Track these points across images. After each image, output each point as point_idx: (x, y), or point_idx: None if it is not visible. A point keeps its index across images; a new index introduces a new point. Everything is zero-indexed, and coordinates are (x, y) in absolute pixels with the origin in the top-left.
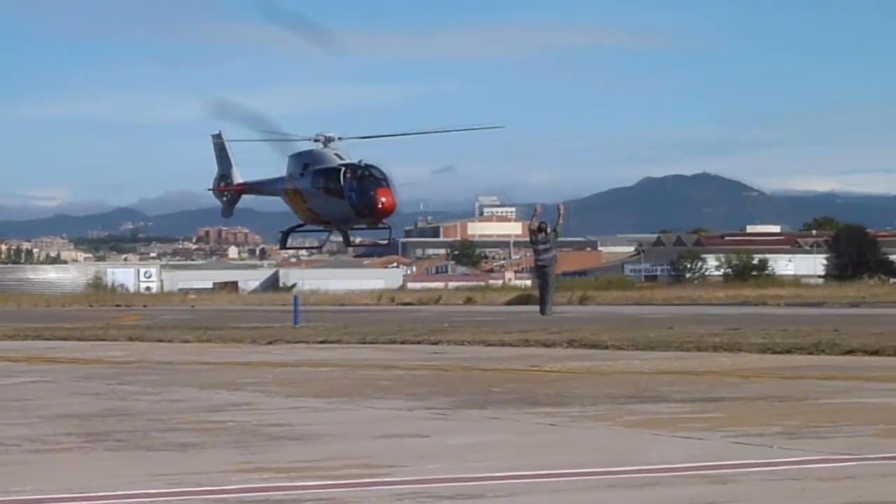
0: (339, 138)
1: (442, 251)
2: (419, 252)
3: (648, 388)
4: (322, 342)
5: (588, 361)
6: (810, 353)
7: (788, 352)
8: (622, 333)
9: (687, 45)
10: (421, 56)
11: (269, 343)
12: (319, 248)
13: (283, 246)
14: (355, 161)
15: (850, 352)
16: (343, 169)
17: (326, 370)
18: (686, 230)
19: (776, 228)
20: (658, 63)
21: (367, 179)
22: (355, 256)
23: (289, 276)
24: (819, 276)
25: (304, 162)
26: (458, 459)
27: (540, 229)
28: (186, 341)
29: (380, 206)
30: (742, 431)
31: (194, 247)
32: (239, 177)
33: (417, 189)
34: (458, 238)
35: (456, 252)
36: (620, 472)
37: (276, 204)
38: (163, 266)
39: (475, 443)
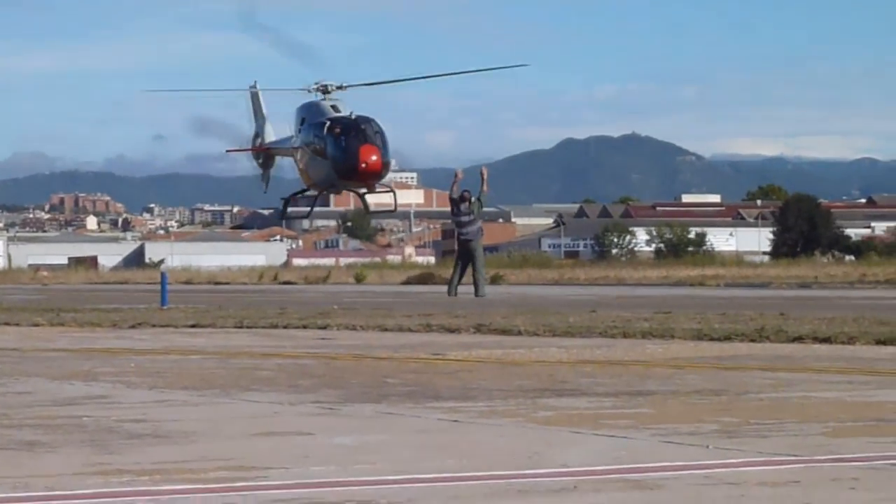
0: (341, 87)
1: (332, 223)
2: (306, 224)
3: (567, 379)
4: (193, 326)
5: (498, 349)
6: (753, 341)
7: (728, 339)
8: (538, 318)
9: None
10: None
11: (133, 327)
12: (307, 216)
13: (283, 216)
14: (347, 113)
15: (798, 339)
16: (327, 123)
17: (198, 358)
18: (612, 200)
19: (715, 198)
20: (580, 7)
21: (351, 135)
22: (232, 228)
23: (156, 251)
24: (764, 253)
25: (302, 116)
26: (346, 461)
27: (462, 198)
28: (37, 325)
29: (363, 166)
30: (673, 429)
31: (47, 216)
32: (273, 135)
33: None
34: (351, 208)
35: (348, 224)
36: (533, 476)
37: (141, 168)
38: (10, 238)
39: (367, 442)
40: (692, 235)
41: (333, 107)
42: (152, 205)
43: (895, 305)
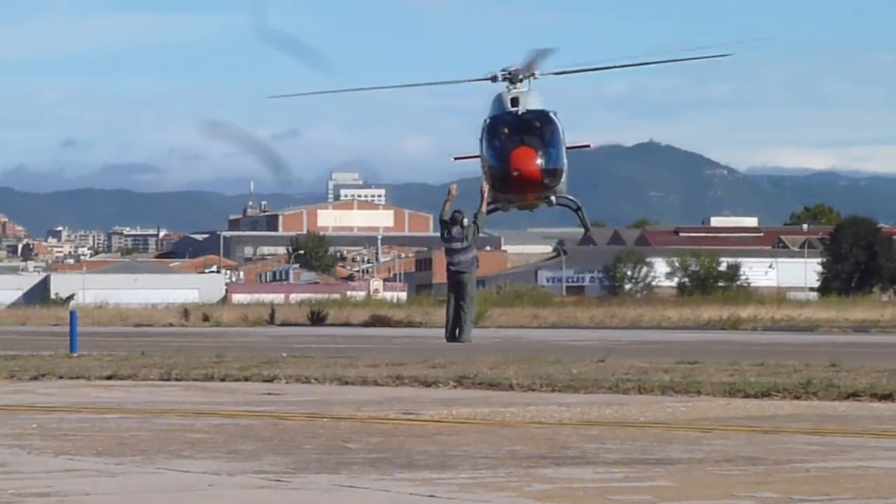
0: (532, 74)
1: (281, 250)
2: (248, 251)
3: (569, 444)
4: (109, 378)
5: (485, 407)
6: (797, 398)
7: (766, 395)
8: (534, 368)
9: None
10: None
11: (35, 378)
12: None
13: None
14: (524, 108)
15: (853, 395)
16: (487, 122)
17: (115, 417)
18: (626, 223)
19: (752, 221)
20: None
21: (504, 135)
22: (159, 256)
23: (64, 284)
24: (811, 289)
25: (489, 114)
26: None
27: (454, 220)
28: None
29: (514, 173)
30: None
31: None
32: None
33: (247, 162)
34: (304, 231)
35: (300, 251)
36: None
37: (47, 181)
38: None
39: None
40: (723, 267)
41: (514, 99)
42: (60, 227)
43: None
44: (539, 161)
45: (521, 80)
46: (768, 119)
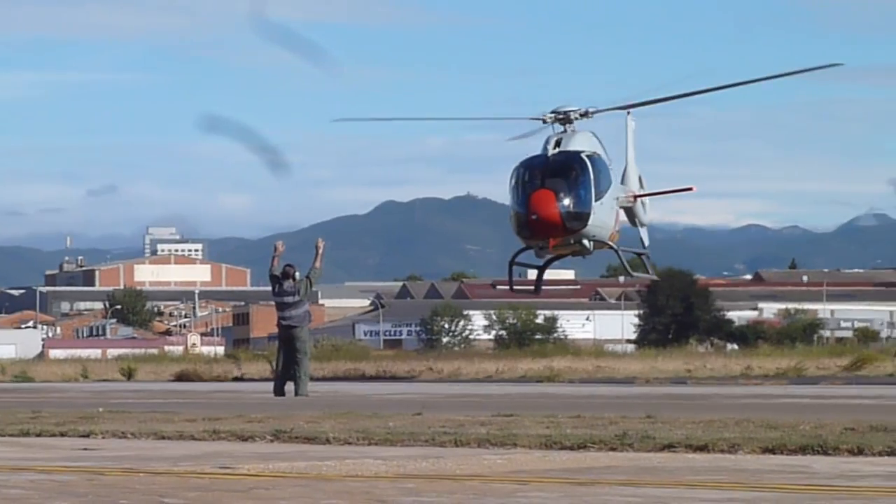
0: (587, 113)
1: (98, 305)
2: (65, 306)
3: (385, 497)
4: None
5: (301, 461)
6: (613, 449)
7: (582, 447)
8: (351, 422)
9: (446, 18)
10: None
11: None
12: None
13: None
14: (550, 151)
15: (669, 447)
16: (517, 166)
17: None
18: (443, 276)
19: (569, 274)
20: (400, 41)
21: (527, 178)
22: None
23: None
24: (628, 341)
25: None
26: None
27: (286, 274)
28: None
29: (532, 217)
30: None
31: None
32: (631, 179)
33: (63, 217)
34: (122, 286)
35: (118, 306)
36: None
37: None
38: None
39: None
40: (540, 320)
41: (557, 142)
42: None
43: (787, 405)
44: (560, 204)
45: (571, 121)
46: None
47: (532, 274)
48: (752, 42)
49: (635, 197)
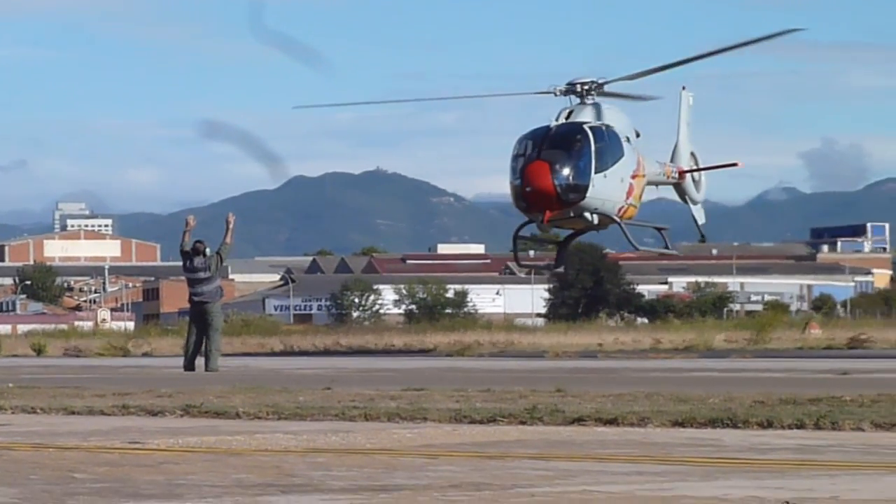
0: (597, 82)
1: (7, 281)
2: None
3: (295, 472)
4: None
5: (211, 436)
6: (523, 423)
7: (492, 421)
8: (261, 396)
9: None
10: None
11: None
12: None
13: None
14: (554, 123)
15: (579, 420)
16: (519, 138)
17: None
18: (353, 251)
19: (480, 248)
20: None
21: (526, 150)
22: None
23: None
24: (538, 315)
25: None
26: None
27: (196, 251)
28: None
29: (526, 189)
30: None
31: None
32: (684, 155)
33: None
34: (31, 262)
35: (27, 282)
36: None
37: None
38: None
39: None
40: (451, 294)
41: (568, 114)
42: None
43: (696, 378)
44: (555, 176)
45: (584, 94)
46: (495, 147)
47: (440, 248)
48: (653, 17)
49: (682, 173)
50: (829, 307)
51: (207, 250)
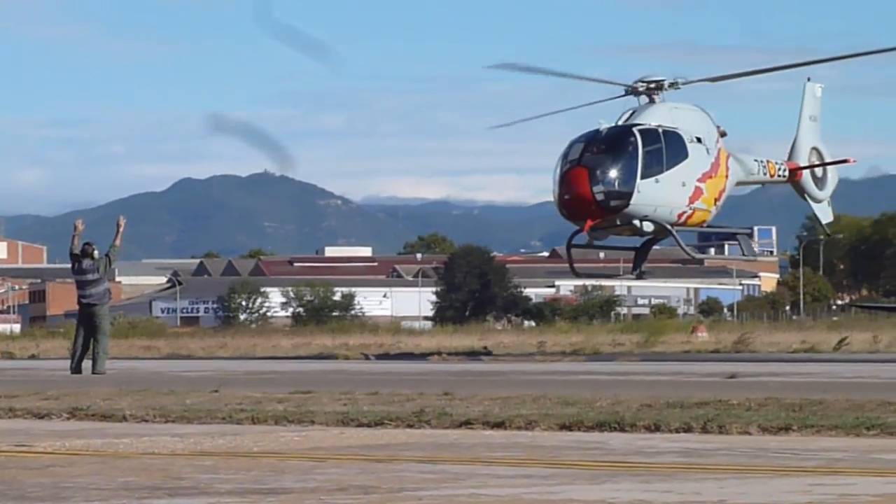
0: (675, 83)
1: None
2: None
3: (182, 475)
4: None
5: (98, 438)
6: (410, 426)
7: (379, 424)
8: (148, 399)
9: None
10: None
11: None
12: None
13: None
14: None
15: (466, 424)
16: (568, 143)
17: None
18: (240, 253)
19: (367, 251)
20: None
21: (569, 156)
22: None
23: None
24: (425, 318)
25: None
26: None
27: (85, 253)
28: None
29: (565, 197)
30: None
31: None
32: (802, 150)
33: None
34: None
35: None
36: None
37: None
38: None
39: None
40: (338, 297)
41: (632, 113)
42: None
43: (583, 381)
44: (594, 183)
45: (654, 93)
46: (383, 149)
47: (328, 251)
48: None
49: (794, 170)
50: (716, 311)
51: (96, 253)
